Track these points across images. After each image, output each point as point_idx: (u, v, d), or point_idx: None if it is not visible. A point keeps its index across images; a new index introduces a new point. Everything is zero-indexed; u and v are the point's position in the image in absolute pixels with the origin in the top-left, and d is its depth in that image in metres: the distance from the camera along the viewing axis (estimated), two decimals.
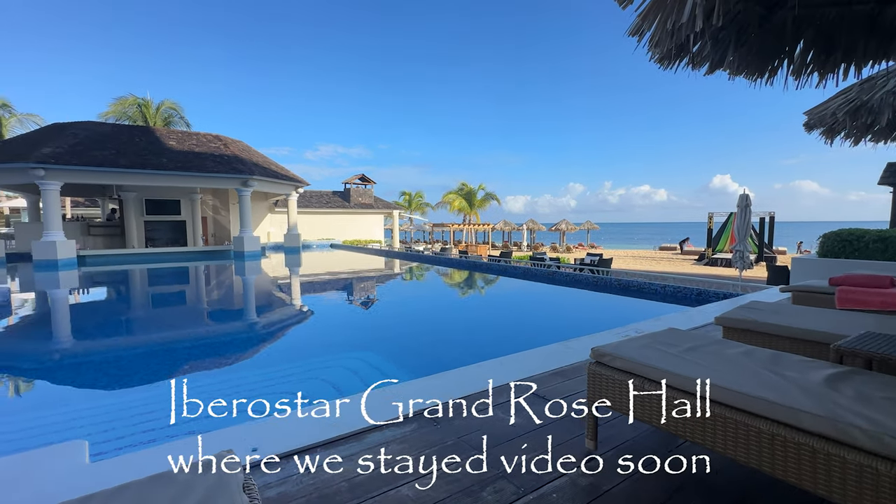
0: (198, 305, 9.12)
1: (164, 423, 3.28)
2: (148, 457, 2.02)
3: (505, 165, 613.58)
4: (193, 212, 20.78)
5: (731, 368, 1.69)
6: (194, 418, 3.47)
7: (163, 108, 28.25)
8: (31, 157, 14.04)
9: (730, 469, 1.90)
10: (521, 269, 12.15)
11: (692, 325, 4.34)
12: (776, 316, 2.79)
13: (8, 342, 6.10)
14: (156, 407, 3.74)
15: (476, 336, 6.31)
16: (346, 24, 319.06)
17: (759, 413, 1.43)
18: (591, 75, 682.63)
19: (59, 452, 2.07)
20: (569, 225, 37.27)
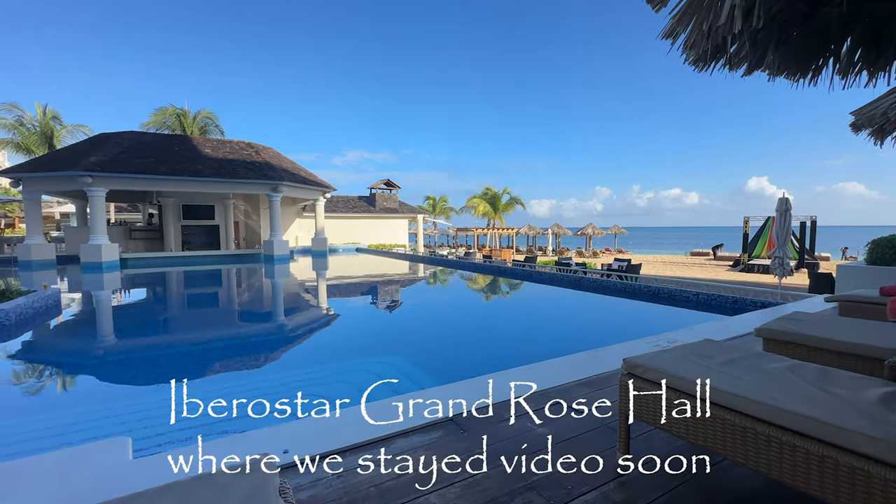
0: (230, 307, 9.44)
1: (200, 421, 3.40)
2: (186, 455, 2.09)
3: (530, 169, 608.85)
4: (226, 216, 21.57)
5: (774, 384, 1.61)
6: (225, 419, 3.59)
7: (199, 117, 29.55)
8: (80, 165, 14.94)
9: (770, 488, 1.81)
10: (546, 274, 11.99)
11: (728, 336, 4.17)
12: (823, 328, 2.64)
13: (57, 340, 6.48)
14: (191, 405, 3.88)
15: (500, 342, 6.26)
16: (372, 33, 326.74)
17: (808, 433, 1.35)
18: (619, 78, 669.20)
19: (104, 448, 2.17)
20: (595, 229, 36.56)
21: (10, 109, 28.35)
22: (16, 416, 3.74)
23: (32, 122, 28.87)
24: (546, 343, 6.12)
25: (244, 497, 0.99)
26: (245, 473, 1.09)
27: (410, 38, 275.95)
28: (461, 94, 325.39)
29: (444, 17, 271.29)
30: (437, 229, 42.89)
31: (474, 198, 40.54)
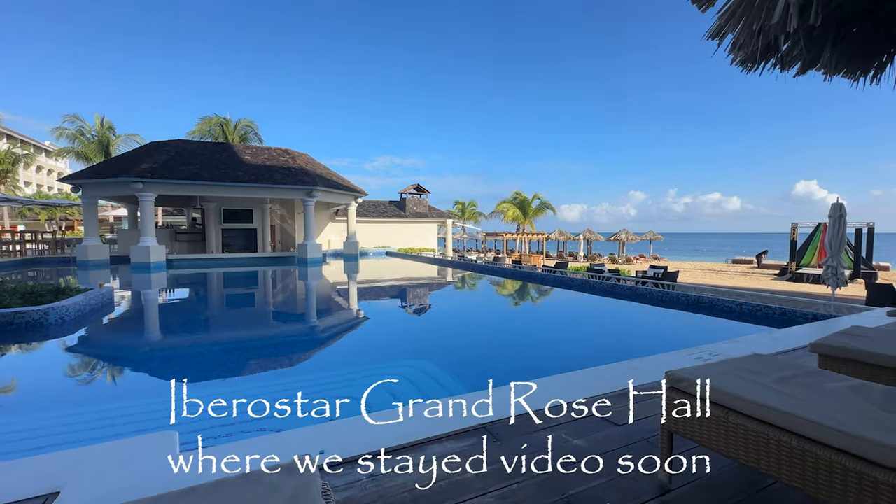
0: (266, 308, 9.77)
1: (240, 418, 3.53)
2: (229, 451, 2.17)
3: (562, 172, 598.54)
4: (263, 220, 22.40)
5: (837, 406, 1.50)
6: (260, 416, 3.71)
7: (240, 125, 30.96)
8: (132, 172, 15.95)
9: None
10: (577, 280, 11.73)
11: (777, 350, 3.93)
12: (888, 345, 2.44)
13: (110, 336, 6.91)
14: (231, 402, 4.03)
15: (531, 349, 6.17)
16: (403, 42, 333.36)
17: (878, 461, 1.25)
18: (653, 79, 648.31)
19: (155, 441, 2.29)
20: (629, 235, 35.51)
21: (73, 120, 30.68)
22: (76, 406, 4.01)
23: (91, 132, 31.11)
24: (579, 351, 5.97)
25: (290, 497, 1.02)
26: (290, 473, 1.12)
27: (440, 48, 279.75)
28: (491, 99, 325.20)
29: (473, 25, 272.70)
30: (466, 234, 42.90)
31: (504, 203, 40.31)
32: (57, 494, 1.76)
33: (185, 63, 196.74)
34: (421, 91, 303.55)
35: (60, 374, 4.96)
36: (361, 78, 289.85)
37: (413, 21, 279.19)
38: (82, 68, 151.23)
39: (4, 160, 37.52)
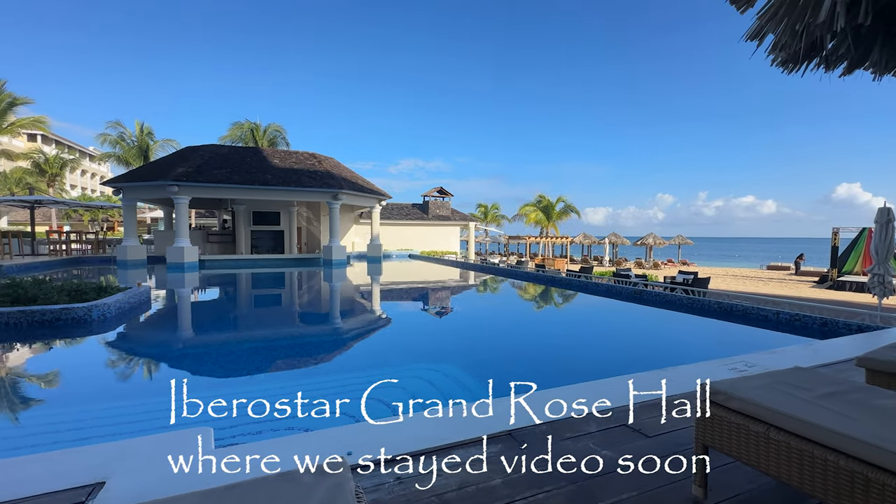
0: (292, 308, 10.00)
1: (268, 416, 3.62)
2: (259, 449, 2.23)
3: (586, 175, 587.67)
4: (290, 223, 22.97)
5: (890, 425, 1.42)
6: (285, 414, 3.79)
7: (269, 130, 31.90)
8: (169, 175, 16.66)
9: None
10: (603, 285, 11.49)
11: (818, 363, 3.74)
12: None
13: (148, 333, 7.22)
14: (259, 400, 4.15)
15: (555, 355, 6.08)
16: (426, 46, 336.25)
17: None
18: (685, 78, 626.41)
19: (191, 436, 2.38)
20: (657, 239, 34.57)
21: (115, 126, 32.33)
22: (117, 399, 4.21)
23: (132, 138, 32.69)
24: (605, 358, 5.85)
25: (324, 497, 1.04)
26: (324, 473, 1.15)
27: (460, 52, 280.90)
28: (514, 101, 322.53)
29: (494, 30, 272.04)
30: (488, 237, 42.74)
31: (527, 206, 39.98)
32: (103, 484, 1.86)
33: (217, 69, 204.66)
34: (444, 94, 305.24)
35: (102, 368, 5.22)
36: (385, 82, 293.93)
37: (434, 27, 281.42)
38: (125, 75, 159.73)
39: (53, 165, 39.88)
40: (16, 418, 3.83)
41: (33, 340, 6.04)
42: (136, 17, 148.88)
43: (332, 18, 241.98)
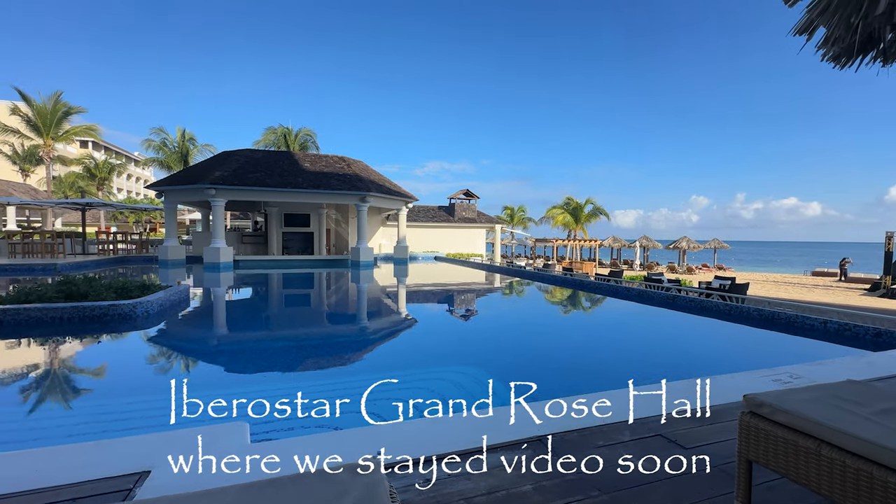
0: (321, 308, 10.23)
1: (298, 413, 3.71)
2: (295, 445, 2.29)
3: (615, 177, 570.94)
4: (320, 225, 23.52)
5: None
6: (317, 416, 3.87)
7: (300, 134, 32.83)
8: (207, 179, 17.41)
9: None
10: (634, 290, 11.17)
11: (872, 376, 3.50)
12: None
13: (187, 329, 7.56)
14: (291, 398, 4.26)
15: (585, 360, 5.95)
16: (451, 52, 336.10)
17: None
18: (721, 74, 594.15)
19: (228, 431, 2.47)
20: (690, 243, 33.35)
21: (159, 133, 34.08)
22: (158, 392, 4.42)
23: (173, 143, 34.38)
24: (636, 365, 5.67)
25: (360, 496, 1.05)
26: (358, 473, 1.16)
27: (481, 57, 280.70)
28: (540, 102, 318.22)
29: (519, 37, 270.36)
30: (514, 239, 42.38)
31: (554, 208, 39.41)
32: (149, 473, 1.95)
33: (253, 76, 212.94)
34: (470, 96, 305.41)
35: (144, 362, 5.50)
36: (411, 87, 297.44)
37: (456, 33, 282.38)
38: (168, 84, 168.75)
39: (102, 170, 42.40)
40: (69, 406, 4.08)
41: (84, 334, 6.43)
42: (181, 31, 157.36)
43: (360, 27, 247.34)
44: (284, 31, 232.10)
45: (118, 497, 1.78)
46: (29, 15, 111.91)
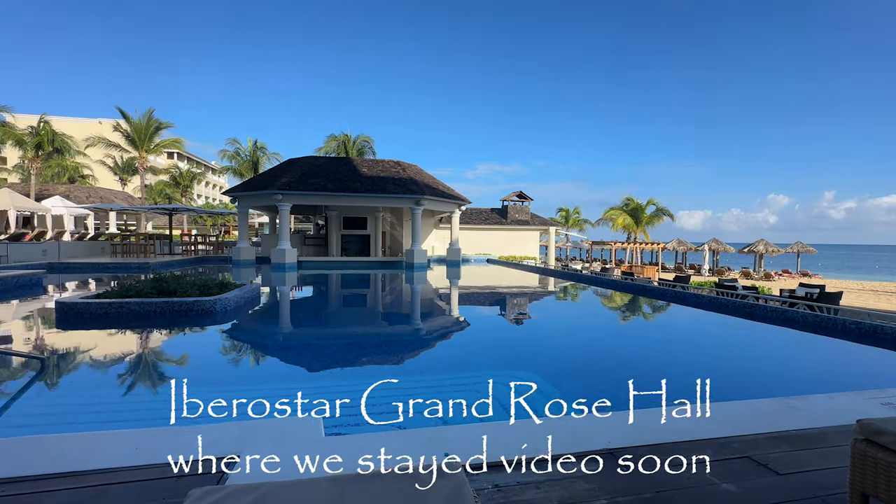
0: (378, 308, 10.55)
1: (365, 410, 3.84)
2: (365, 441, 2.38)
3: (679, 176, 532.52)
4: (376, 227, 24.33)
5: None
6: (377, 413, 3.98)
7: (358, 140, 34.23)
8: (274, 185, 18.66)
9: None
10: (704, 297, 10.39)
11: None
12: None
13: (259, 325, 8.13)
14: (353, 394, 4.43)
15: (648, 371, 5.61)
16: (506, 52, 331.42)
17: None
18: (810, 55, 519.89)
19: (303, 423, 2.62)
20: (768, 246, 30.45)
21: (232, 143, 37.10)
22: (242, 383, 4.80)
23: (245, 152, 37.27)
24: (712, 380, 5.25)
25: (446, 498, 1.07)
26: (442, 473, 1.18)
27: (544, 57, 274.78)
28: (597, 100, 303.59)
29: (574, 31, 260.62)
30: (569, 242, 41.12)
31: (613, 209, 37.75)
32: (237, 458, 2.12)
33: (315, 84, 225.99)
34: (522, 95, 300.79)
35: (222, 353, 5.99)
36: (462, 89, 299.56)
37: (512, 30, 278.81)
38: (242, 96, 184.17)
39: (185, 178, 46.92)
40: (161, 392, 4.54)
41: (173, 326, 7.14)
42: (256, 45, 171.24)
43: (416, 39, 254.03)
44: (344, 42, 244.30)
45: (213, 479, 1.95)
46: (126, 39, 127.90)
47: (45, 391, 4.40)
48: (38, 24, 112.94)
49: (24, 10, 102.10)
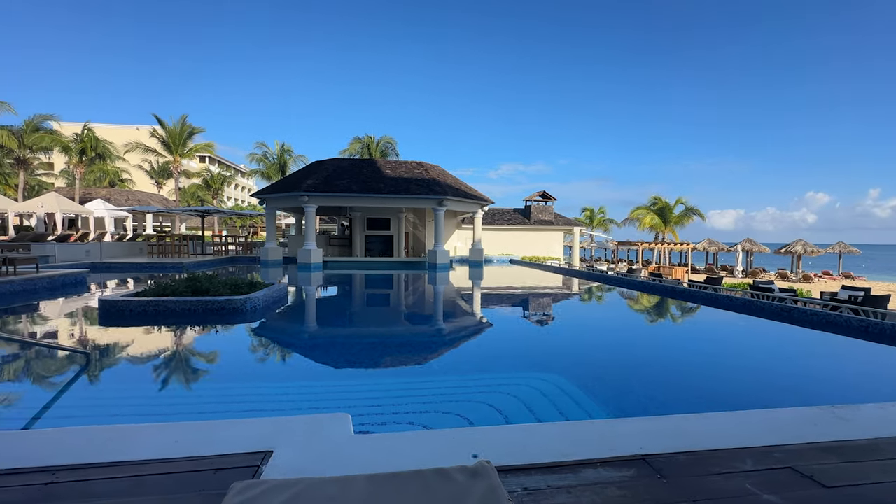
0: (401, 308, 10.63)
1: (390, 409, 3.89)
2: (394, 440, 2.40)
3: (708, 174, 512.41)
4: (399, 228, 24.55)
5: None
6: (403, 412, 4.01)
7: (381, 142, 34.64)
8: (301, 187, 19.09)
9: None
10: (738, 300, 9.99)
11: None
12: None
13: (286, 324, 8.33)
14: (379, 392, 4.48)
15: (679, 375, 5.44)
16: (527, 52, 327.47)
17: None
18: (851, 48, 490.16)
19: (331, 421, 2.66)
20: (807, 246, 29.03)
21: (260, 147, 38.21)
22: (272, 380, 4.93)
23: (272, 155, 38.31)
24: (748, 385, 5.05)
25: (481, 498, 1.06)
26: (475, 474, 1.18)
27: (567, 54, 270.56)
28: (621, 98, 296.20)
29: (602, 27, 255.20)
30: (594, 242, 40.35)
31: (640, 209, 36.84)
32: (271, 453, 2.17)
33: (339, 86, 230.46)
34: (545, 95, 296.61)
35: (251, 351, 6.17)
36: (485, 89, 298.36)
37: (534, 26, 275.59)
38: (270, 99, 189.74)
39: (216, 181, 48.58)
40: (196, 387, 4.71)
41: (206, 324, 7.40)
42: (283, 49, 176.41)
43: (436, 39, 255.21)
44: (366, 43, 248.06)
45: (248, 473, 2.00)
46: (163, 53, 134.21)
47: (90, 384, 4.63)
48: (81, 37, 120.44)
49: (68, 24, 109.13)
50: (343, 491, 1.11)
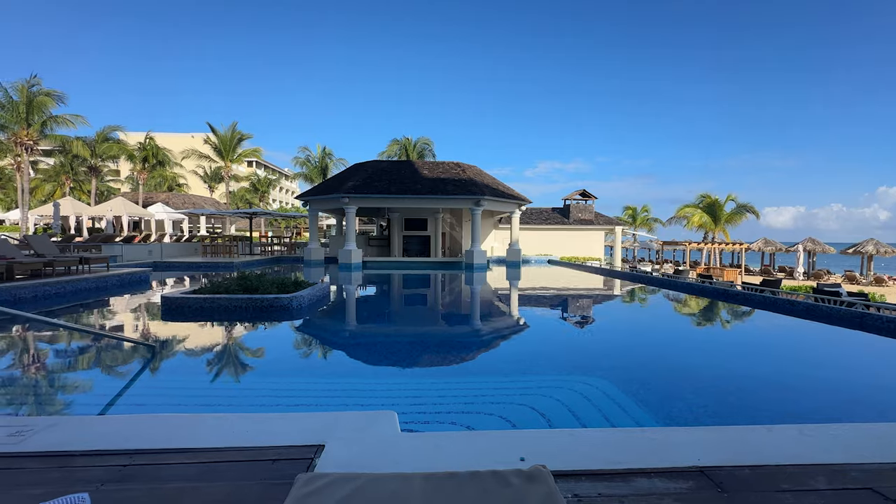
0: (439, 309, 10.71)
1: (433, 408, 3.93)
2: (439, 439, 2.43)
3: (762, 169, 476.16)
4: (436, 228, 24.74)
5: None
6: (445, 412, 4.03)
7: (418, 144, 35.07)
8: (341, 189, 19.66)
9: None
10: (800, 304, 9.28)
11: None
12: None
13: (329, 321, 8.61)
14: (421, 392, 4.53)
15: (736, 383, 5.11)
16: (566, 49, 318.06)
17: None
18: None
19: (378, 418, 2.72)
20: (880, 246, 26.52)
21: (303, 151, 39.74)
22: (320, 376, 5.12)
23: (315, 159, 39.74)
24: (818, 397, 4.68)
25: (540, 502, 1.05)
26: (532, 478, 1.17)
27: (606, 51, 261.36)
28: (665, 88, 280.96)
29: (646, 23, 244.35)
30: (636, 242, 38.82)
31: (687, 207, 35.08)
32: (323, 447, 2.26)
33: (378, 88, 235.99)
34: (583, 92, 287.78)
35: (297, 348, 6.42)
36: (521, 88, 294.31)
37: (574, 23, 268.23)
38: (313, 107, 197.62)
39: (263, 184, 51.01)
40: (250, 380, 4.97)
41: (256, 320, 7.79)
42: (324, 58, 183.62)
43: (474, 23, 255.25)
44: (403, 43, 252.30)
45: (303, 465, 2.09)
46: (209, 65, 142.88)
47: (155, 375, 5.00)
48: (144, 51, 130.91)
49: (129, 42, 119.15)
50: (402, 488, 1.14)
